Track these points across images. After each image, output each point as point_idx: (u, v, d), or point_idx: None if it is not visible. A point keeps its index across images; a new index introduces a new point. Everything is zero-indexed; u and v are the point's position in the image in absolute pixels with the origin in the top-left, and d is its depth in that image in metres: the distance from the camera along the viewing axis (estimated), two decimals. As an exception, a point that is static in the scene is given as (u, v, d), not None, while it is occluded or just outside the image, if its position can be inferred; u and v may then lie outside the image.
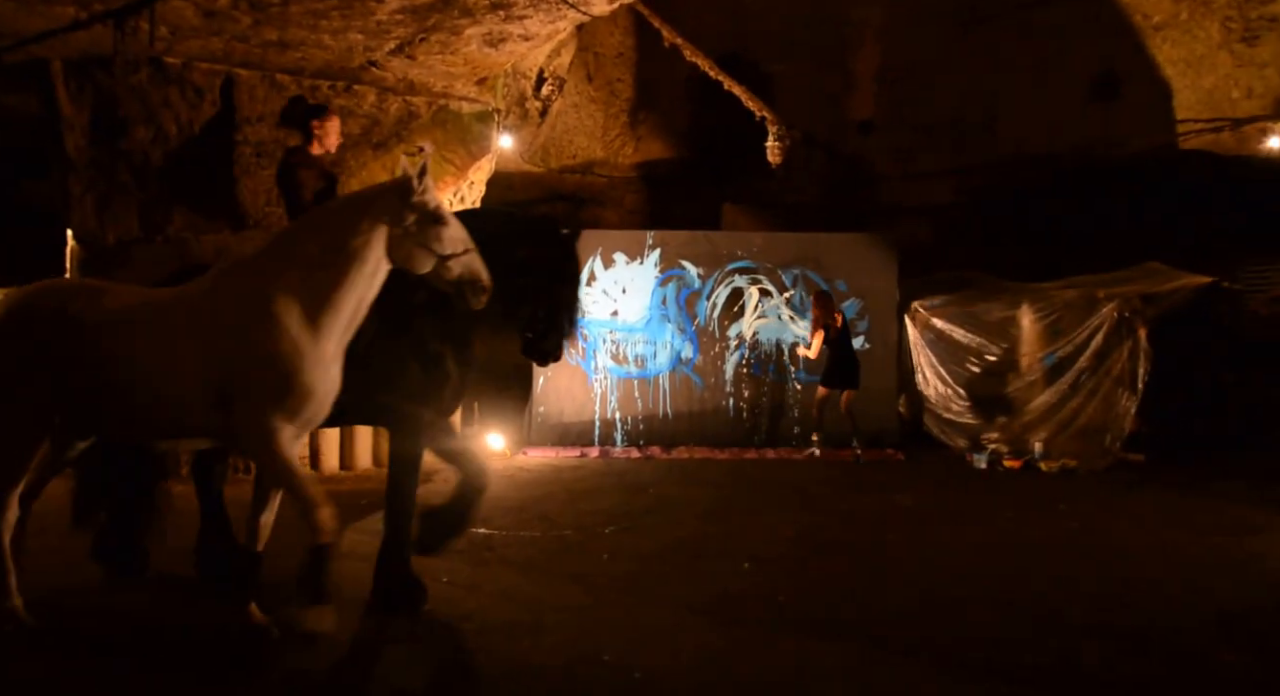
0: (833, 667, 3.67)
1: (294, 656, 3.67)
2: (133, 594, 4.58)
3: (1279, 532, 6.19)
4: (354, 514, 6.54)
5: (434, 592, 4.51)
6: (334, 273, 3.69)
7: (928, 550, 5.70)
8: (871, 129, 12.00)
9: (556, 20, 7.26)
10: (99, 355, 3.72)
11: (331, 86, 7.73)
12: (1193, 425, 9.80)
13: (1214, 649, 3.95)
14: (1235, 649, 3.95)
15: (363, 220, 3.73)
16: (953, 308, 10.01)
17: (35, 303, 3.88)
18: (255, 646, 3.78)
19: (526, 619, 4.22)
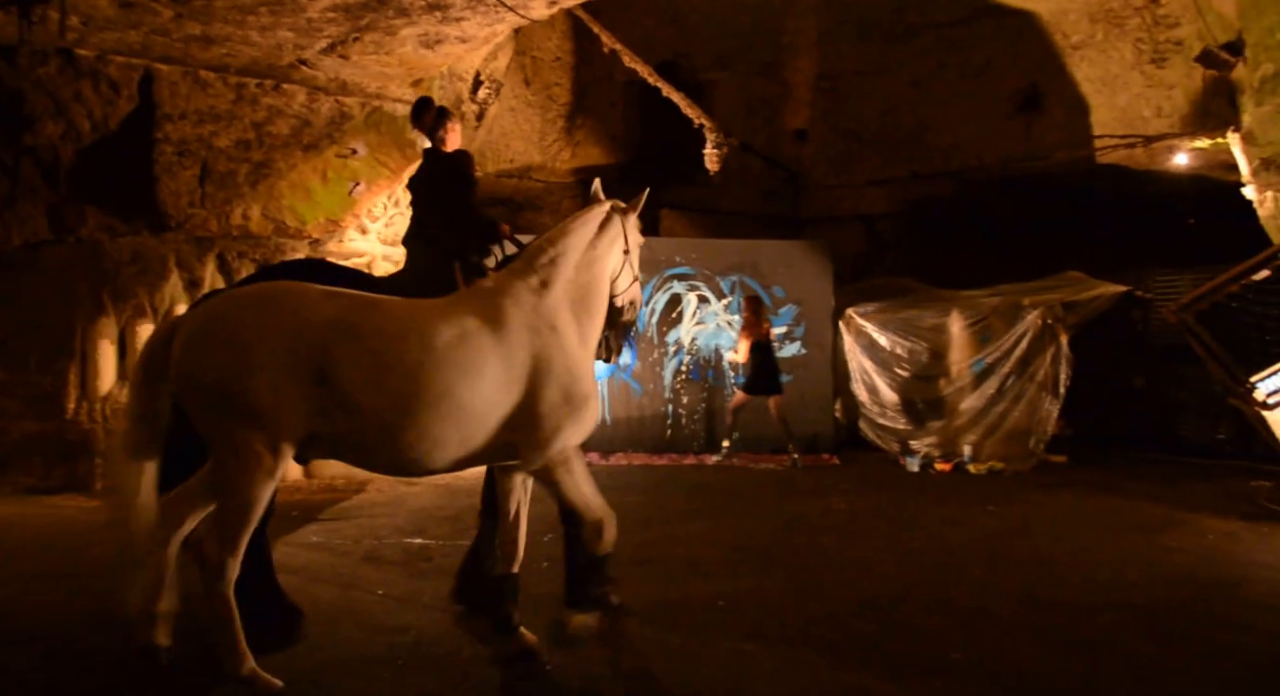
0: (770, 670, 3.70)
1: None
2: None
3: (1188, 528, 6.51)
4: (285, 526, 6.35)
5: (370, 605, 4.42)
6: (591, 289, 3.86)
7: (863, 552, 5.80)
8: (806, 138, 12.22)
9: (495, 23, 7.17)
10: (388, 372, 3.34)
11: (259, 84, 7.47)
12: (1109, 427, 10.26)
13: (1135, 642, 4.11)
14: (1154, 641, 4.12)
15: (604, 238, 3.92)
16: (886, 314, 10.24)
17: (299, 308, 3.35)
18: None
19: (465, 629, 4.15)
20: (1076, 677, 3.69)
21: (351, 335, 3.32)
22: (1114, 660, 3.89)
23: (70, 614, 4.32)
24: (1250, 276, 7.51)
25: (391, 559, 5.45)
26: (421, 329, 3.44)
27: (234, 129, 7.54)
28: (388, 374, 3.32)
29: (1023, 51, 10.46)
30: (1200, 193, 10.31)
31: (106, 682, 3.50)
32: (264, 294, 3.44)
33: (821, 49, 11.83)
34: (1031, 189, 11.26)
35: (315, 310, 3.34)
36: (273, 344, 3.25)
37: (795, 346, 10.10)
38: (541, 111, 11.03)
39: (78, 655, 3.79)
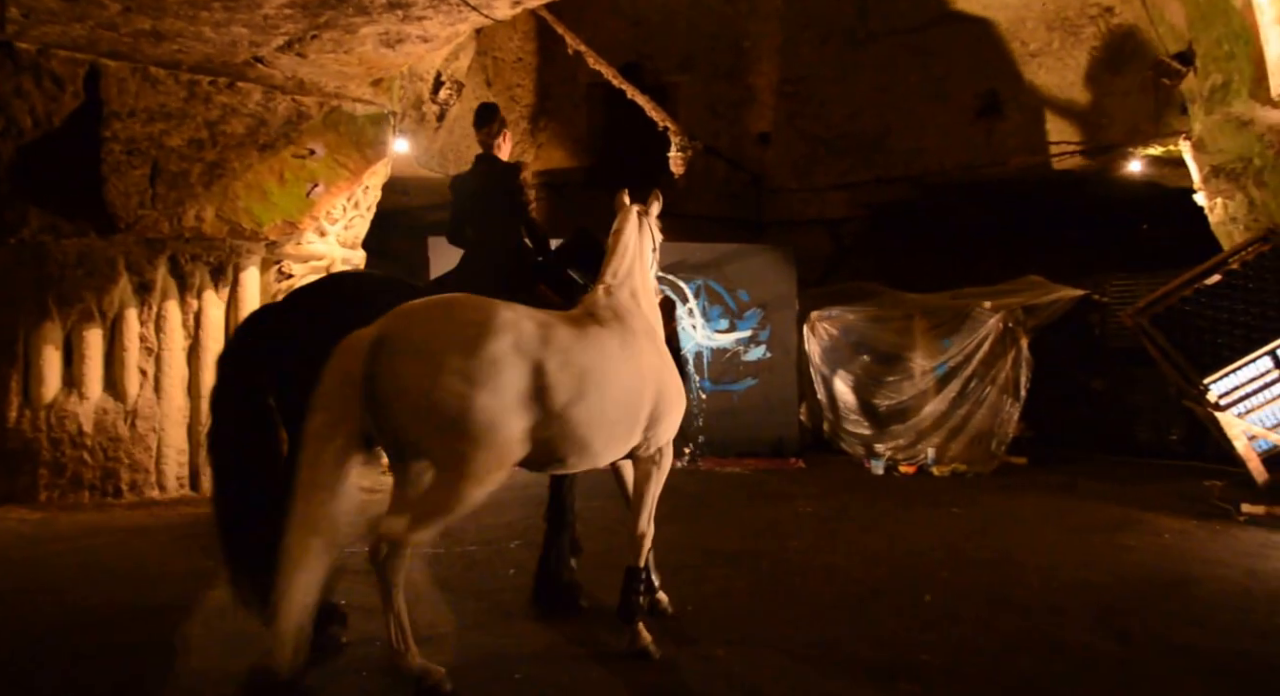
0: (739, 674, 3.69)
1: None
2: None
3: (1144, 527, 6.61)
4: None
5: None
6: (650, 289, 4.23)
7: (830, 555, 5.81)
8: (770, 141, 12.27)
9: (457, 23, 7.06)
10: (589, 384, 3.52)
11: (212, 82, 7.28)
12: (1068, 429, 10.44)
13: (1097, 640, 4.15)
14: (1115, 639, 4.17)
15: (645, 241, 4.26)
16: (850, 318, 10.30)
17: (517, 321, 3.42)
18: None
19: (432, 638, 4.04)
20: (1041, 677, 3.73)
21: (558, 350, 3.46)
22: (1077, 659, 3.93)
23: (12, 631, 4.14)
24: (1202, 281, 7.68)
25: (355, 568, 5.26)
26: (600, 342, 3.69)
27: (186, 128, 7.33)
28: (589, 386, 3.51)
29: (983, 58, 10.62)
30: (1154, 199, 10.55)
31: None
32: (477, 311, 3.40)
33: (784, 53, 11.90)
34: (992, 193, 11.44)
35: (526, 328, 3.43)
36: (501, 363, 3.29)
37: (760, 350, 10.11)
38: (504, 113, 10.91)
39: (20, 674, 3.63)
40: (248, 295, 8.15)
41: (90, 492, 7.43)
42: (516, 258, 4.41)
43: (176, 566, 5.37)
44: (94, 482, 7.47)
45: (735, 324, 10.19)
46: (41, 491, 7.30)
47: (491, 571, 5.27)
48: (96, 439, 7.48)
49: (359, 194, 8.53)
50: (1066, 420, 10.51)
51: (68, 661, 3.79)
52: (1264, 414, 7.24)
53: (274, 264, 8.30)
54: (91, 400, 7.52)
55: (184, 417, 7.87)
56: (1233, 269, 7.57)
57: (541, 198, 11.87)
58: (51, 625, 4.23)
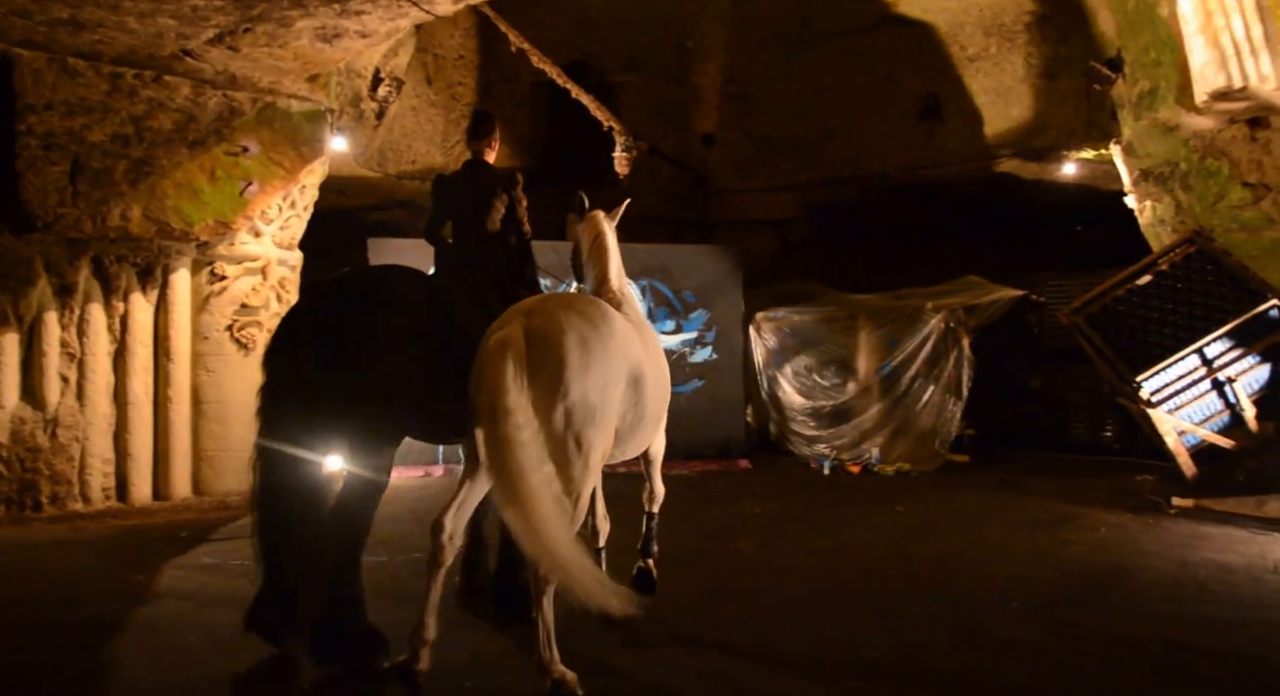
0: (690, 675, 3.69)
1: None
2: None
3: (1082, 522, 6.78)
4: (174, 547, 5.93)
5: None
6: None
7: (777, 555, 5.82)
8: (715, 142, 12.28)
9: (397, 18, 6.89)
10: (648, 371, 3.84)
11: (137, 75, 6.99)
12: (1008, 427, 10.65)
13: (1038, 633, 4.23)
14: (1055, 632, 4.25)
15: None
16: (795, 318, 10.36)
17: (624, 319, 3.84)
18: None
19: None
20: (984, 671, 3.78)
21: (644, 346, 3.87)
22: (1019, 652, 4.00)
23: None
24: (1134, 281, 7.88)
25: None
26: (646, 337, 4.07)
27: (109, 122, 7.02)
28: (654, 379, 3.88)
29: (924, 61, 10.78)
30: (1088, 201, 10.83)
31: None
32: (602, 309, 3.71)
33: (729, 54, 11.91)
34: (933, 195, 11.63)
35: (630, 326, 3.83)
36: (630, 359, 3.67)
37: (706, 351, 10.10)
38: (445, 111, 10.72)
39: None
40: (178, 298, 7.85)
41: (6, 507, 7.07)
42: (509, 260, 4.50)
43: (102, 582, 5.16)
44: (10, 496, 7.11)
45: (681, 325, 10.16)
46: (-48, 503, 6.91)
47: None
48: (13, 449, 7.11)
49: (295, 193, 8.27)
50: (1007, 418, 10.73)
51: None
52: (1192, 410, 7.45)
53: (206, 265, 8.01)
54: (7, 409, 7.14)
55: (109, 426, 7.55)
56: (1162, 270, 7.77)
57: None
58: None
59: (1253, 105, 7.15)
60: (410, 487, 8.40)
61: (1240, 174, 7.72)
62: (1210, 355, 7.28)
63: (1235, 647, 4.02)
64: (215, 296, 8.00)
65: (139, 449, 7.66)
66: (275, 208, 8.14)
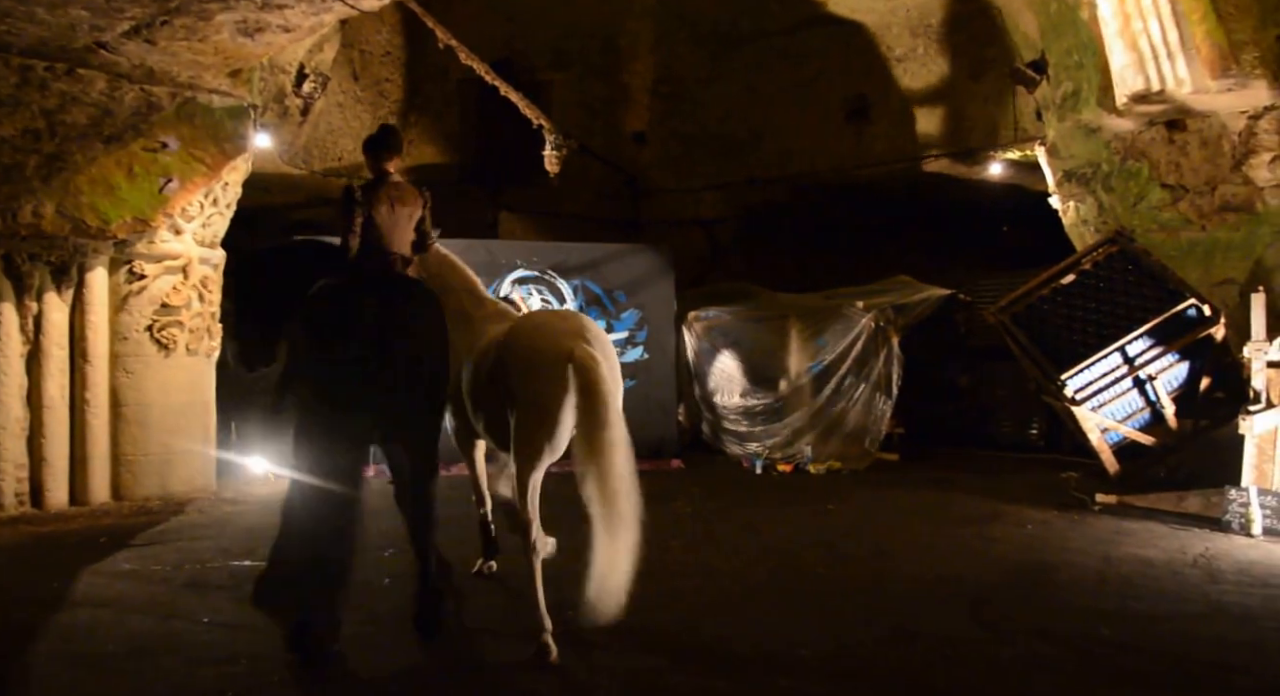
0: (618, 676, 3.69)
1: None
2: None
3: (1009, 519, 6.90)
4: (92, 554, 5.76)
5: (196, 635, 4.15)
6: None
7: (709, 555, 5.82)
8: (645, 140, 12.27)
9: (321, 13, 6.74)
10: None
11: (49, 68, 6.72)
12: (936, 425, 10.80)
13: (967, 628, 4.31)
14: (984, 627, 4.33)
15: None
16: (726, 318, 10.38)
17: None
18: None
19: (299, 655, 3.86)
20: (916, 668, 3.83)
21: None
22: (949, 649, 4.04)
23: None
24: (1058, 280, 8.02)
25: (217, 584, 5.08)
26: None
27: (19, 116, 6.76)
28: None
29: (852, 61, 10.88)
30: (1014, 201, 11.02)
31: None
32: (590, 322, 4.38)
33: (658, 52, 11.89)
34: (862, 195, 11.74)
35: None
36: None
37: (638, 351, 10.08)
38: (372, 108, 10.55)
39: None
40: (95, 297, 7.62)
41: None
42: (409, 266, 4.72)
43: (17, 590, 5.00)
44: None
45: (613, 324, 10.12)
46: None
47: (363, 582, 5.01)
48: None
49: (218, 190, 8.08)
50: (935, 416, 10.85)
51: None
52: (1115, 407, 7.58)
53: (124, 264, 7.78)
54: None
55: (23, 430, 7.30)
56: (1085, 269, 7.89)
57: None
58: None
59: (1169, 108, 7.29)
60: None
61: (1159, 175, 7.90)
62: (1131, 353, 7.40)
63: (1158, 641, 4.10)
64: (134, 296, 7.78)
65: (54, 454, 7.41)
66: (196, 205, 7.94)
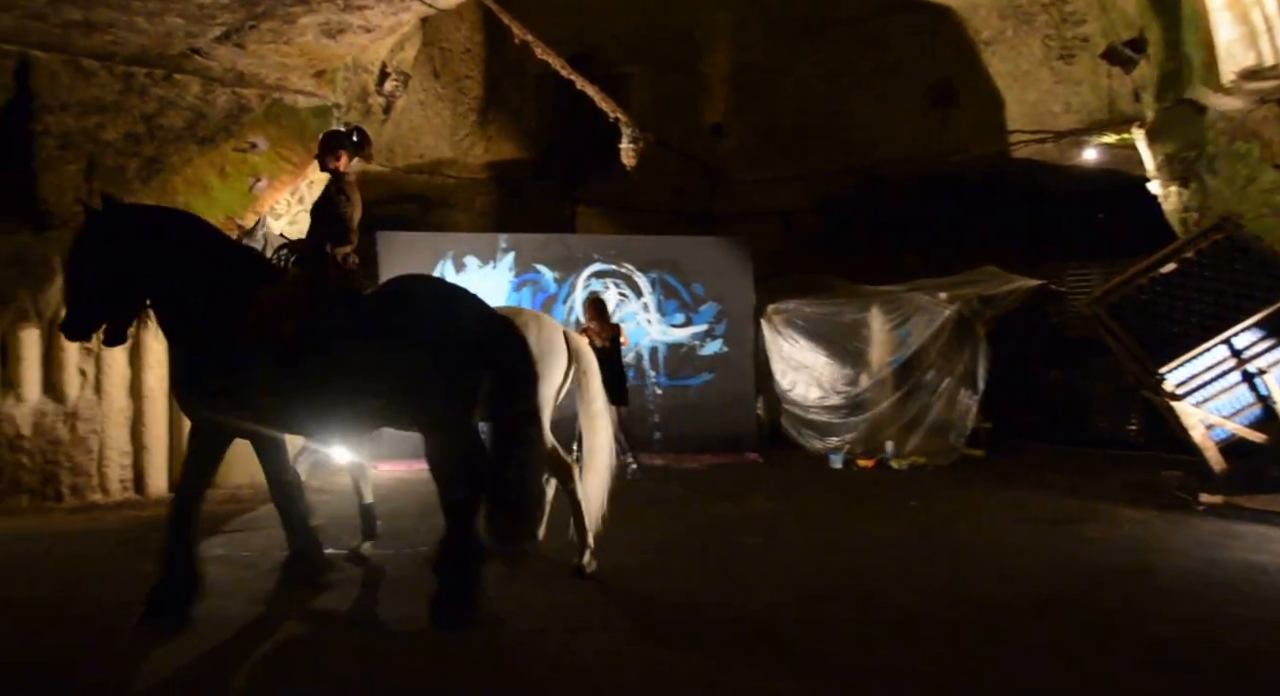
0: (693, 674, 3.63)
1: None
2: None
3: (1103, 519, 6.63)
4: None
5: (279, 620, 4.29)
6: None
7: (786, 552, 5.74)
8: (722, 132, 12.18)
9: (400, 12, 6.94)
10: None
11: (148, 74, 7.10)
12: (1026, 420, 10.44)
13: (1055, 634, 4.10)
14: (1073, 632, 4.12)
15: None
16: (806, 310, 10.23)
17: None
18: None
19: (380, 643, 4.00)
20: (997, 674, 3.66)
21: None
22: (1034, 654, 3.88)
23: None
24: (1158, 270, 7.66)
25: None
26: None
27: (122, 121, 7.16)
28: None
29: (936, 46, 10.56)
30: (1110, 187, 10.55)
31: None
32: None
33: (736, 43, 11.78)
34: (947, 183, 11.41)
35: None
36: None
37: (716, 344, 10.04)
38: (452, 105, 10.75)
39: None
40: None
41: (30, 497, 7.22)
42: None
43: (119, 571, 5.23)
44: (33, 486, 7.25)
45: (691, 318, 10.11)
46: (-21, 492, 7.07)
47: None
48: (35, 442, 7.26)
49: (303, 189, 8.36)
50: (1024, 411, 10.53)
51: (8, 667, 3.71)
52: (1220, 402, 7.21)
53: (218, 261, 8.10)
54: (29, 402, 7.29)
55: (126, 419, 7.68)
56: (1188, 257, 7.52)
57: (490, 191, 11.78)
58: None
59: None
60: (421, 480, 8.42)
61: (1272, 156, 7.44)
62: (1240, 346, 7.03)
63: (1267, 649, 3.87)
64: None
65: (154, 442, 7.78)
66: (284, 203, 8.24)
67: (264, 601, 4.63)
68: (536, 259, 9.91)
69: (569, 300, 9.93)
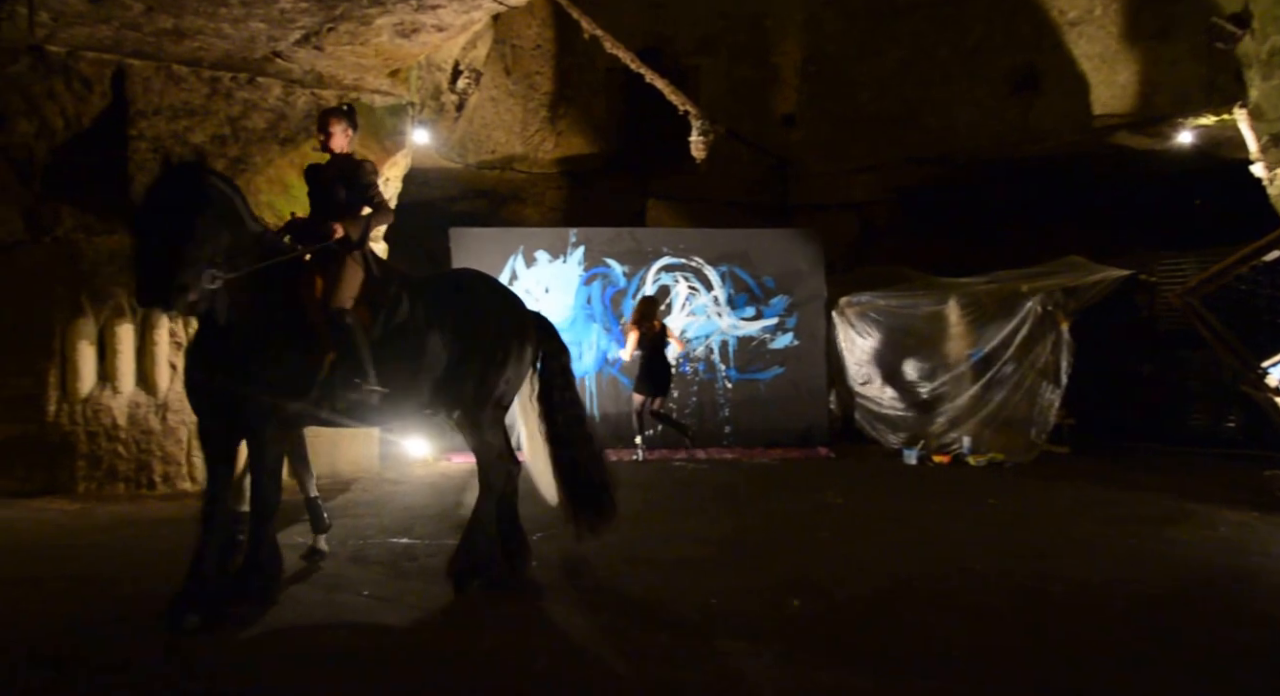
0: (761, 669, 3.58)
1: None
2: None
3: (1197, 520, 6.31)
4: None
5: (355, 607, 4.36)
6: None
7: (858, 548, 5.63)
8: (794, 123, 12.01)
9: (471, 10, 7.02)
10: None
11: (233, 78, 7.36)
12: (1113, 416, 10.03)
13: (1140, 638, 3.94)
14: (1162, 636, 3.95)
15: None
16: (880, 303, 10.04)
17: None
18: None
19: (454, 631, 4.07)
20: (1081, 676, 3.53)
21: None
22: (1118, 656, 3.74)
23: (45, 619, 4.22)
24: (1260, 257, 7.27)
25: (377, 559, 5.34)
26: None
27: (209, 124, 7.45)
28: None
29: (1017, 29, 10.19)
30: (1206, 171, 10.06)
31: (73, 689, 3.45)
32: None
33: (808, 31, 11.61)
34: (1029, 171, 11.04)
35: None
36: None
37: (787, 337, 9.93)
38: (523, 101, 10.86)
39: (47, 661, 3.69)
40: (272, 287, 8.21)
41: (125, 484, 7.57)
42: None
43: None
44: (128, 474, 7.60)
45: (761, 311, 10.02)
46: (79, 483, 7.43)
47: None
48: (130, 432, 7.61)
49: (380, 186, 8.53)
50: (1112, 407, 10.12)
51: (109, 645, 3.85)
52: (1328, 398, 6.83)
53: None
54: (124, 394, 7.65)
55: (212, 410, 7.98)
56: (1293, 245, 7.13)
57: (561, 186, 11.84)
58: (91, 611, 4.30)
59: (1398, 60, 6.43)
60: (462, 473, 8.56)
61: (1385, 136, 6.99)
62: (1351, 340, 6.67)
63: None
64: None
65: (236, 433, 8.08)
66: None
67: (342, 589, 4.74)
68: (606, 253, 9.95)
69: (638, 294, 9.93)
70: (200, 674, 3.54)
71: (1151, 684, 3.47)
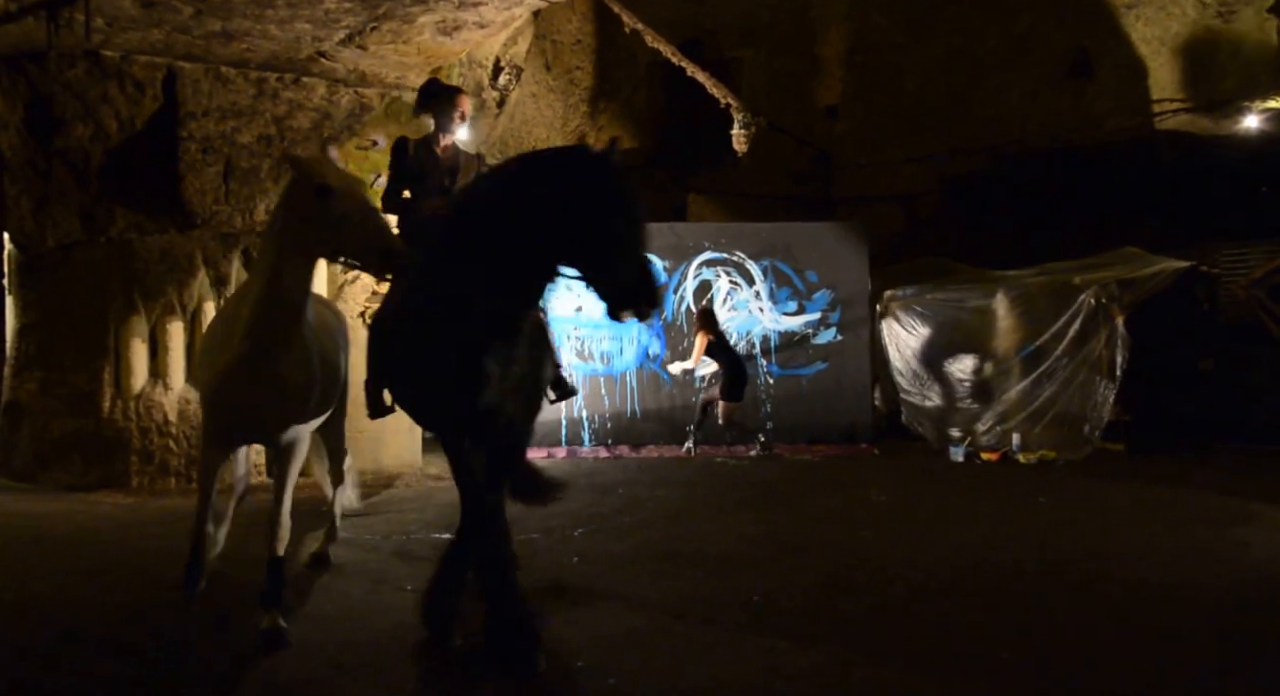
0: (806, 668, 3.53)
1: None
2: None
3: (1262, 522, 6.05)
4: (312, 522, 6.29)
5: (399, 602, 4.39)
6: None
7: (902, 547, 5.52)
8: (838, 115, 11.86)
9: (513, 6, 7.03)
10: None
11: (279, 79, 7.47)
12: (1173, 413, 9.70)
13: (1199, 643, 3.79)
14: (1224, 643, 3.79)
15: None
16: (926, 297, 9.86)
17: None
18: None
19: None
20: (1133, 679, 3.41)
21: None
22: (1177, 661, 3.60)
23: (105, 609, 4.33)
24: (1329, 248, 6.98)
25: (420, 554, 5.37)
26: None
27: (256, 124, 7.57)
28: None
29: (1070, 13, 9.94)
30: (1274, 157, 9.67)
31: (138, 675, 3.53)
32: None
33: (851, 20, 11.46)
34: (1082, 161, 10.74)
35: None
36: None
37: (830, 332, 9.80)
38: (563, 96, 10.87)
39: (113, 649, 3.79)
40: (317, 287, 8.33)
41: (177, 479, 7.73)
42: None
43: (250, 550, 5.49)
44: (179, 469, 7.77)
45: (804, 306, 9.90)
46: (133, 477, 7.61)
47: (554, 559, 5.24)
48: (180, 427, 7.78)
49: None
50: (1171, 404, 9.78)
51: (164, 636, 3.93)
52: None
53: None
54: (175, 390, 7.81)
55: (258, 407, 8.11)
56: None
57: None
58: (145, 603, 4.40)
59: None
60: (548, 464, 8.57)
61: None
62: None
63: None
64: (349, 285, 8.46)
65: (285, 429, 8.20)
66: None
67: (386, 582, 4.78)
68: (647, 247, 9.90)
69: (680, 289, 9.88)
70: (251, 661, 3.61)
71: (1210, 691, 3.34)
